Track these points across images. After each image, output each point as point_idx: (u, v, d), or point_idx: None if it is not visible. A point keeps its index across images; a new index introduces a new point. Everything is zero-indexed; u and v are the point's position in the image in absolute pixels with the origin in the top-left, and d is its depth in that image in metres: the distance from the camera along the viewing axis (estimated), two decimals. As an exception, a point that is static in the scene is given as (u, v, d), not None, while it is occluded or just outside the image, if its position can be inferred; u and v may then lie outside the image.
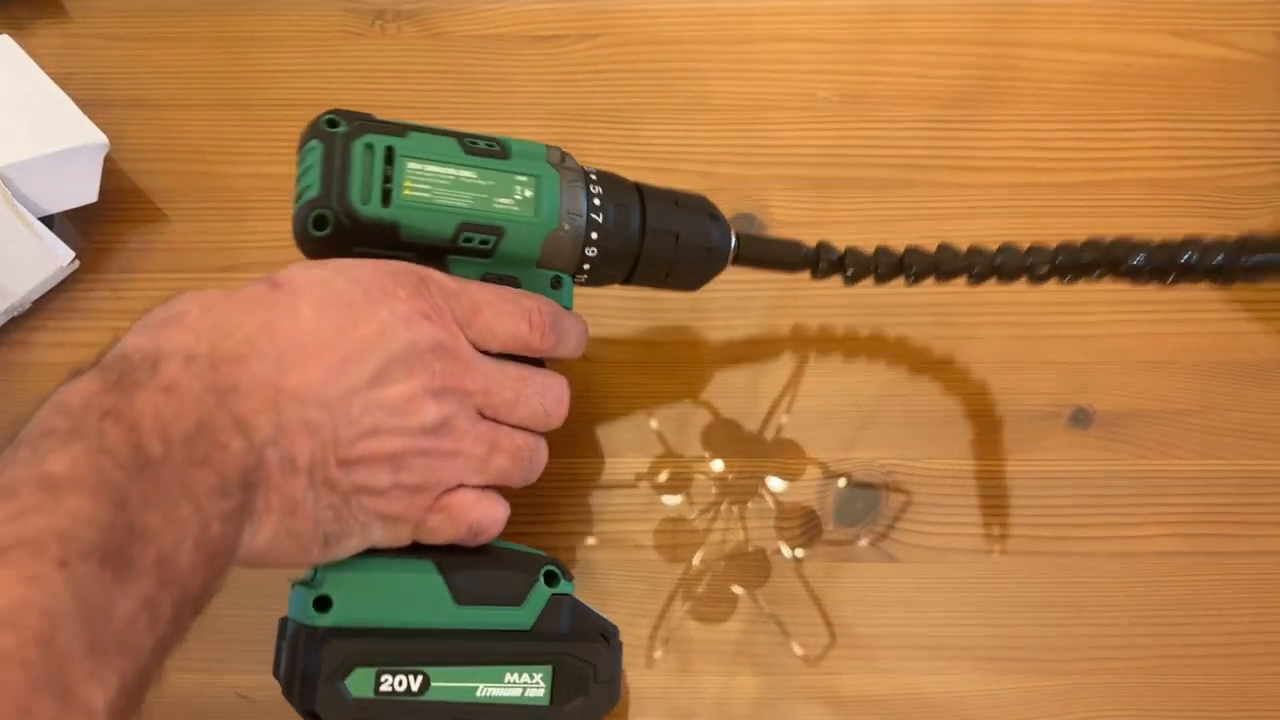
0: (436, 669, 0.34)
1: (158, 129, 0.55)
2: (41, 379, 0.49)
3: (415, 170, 0.36)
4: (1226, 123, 0.54)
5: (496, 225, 0.37)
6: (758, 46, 0.57)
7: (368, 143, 0.36)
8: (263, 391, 0.31)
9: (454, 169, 0.37)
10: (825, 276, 0.43)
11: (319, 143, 0.36)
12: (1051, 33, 0.57)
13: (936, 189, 0.48)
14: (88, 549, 0.25)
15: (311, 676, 0.33)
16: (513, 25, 0.58)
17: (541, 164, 0.39)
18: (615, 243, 0.40)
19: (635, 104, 0.55)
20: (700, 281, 0.43)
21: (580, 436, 0.47)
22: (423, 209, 0.36)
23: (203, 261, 0.52)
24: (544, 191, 0.38)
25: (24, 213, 0.47)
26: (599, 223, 0.39)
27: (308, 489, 0.32)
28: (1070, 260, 0.41)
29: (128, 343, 0.30)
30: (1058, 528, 0.45)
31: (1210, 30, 0.56)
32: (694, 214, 0.42)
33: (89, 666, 0.24)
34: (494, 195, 0.37)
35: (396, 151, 0.36)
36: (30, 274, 0.49)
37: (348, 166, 0.35)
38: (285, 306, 0.33)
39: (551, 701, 0.35)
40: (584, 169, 0.40)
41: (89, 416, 0.27)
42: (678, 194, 0.42)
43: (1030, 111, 0.55)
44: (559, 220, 0.38)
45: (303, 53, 0.58)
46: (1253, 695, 0.42)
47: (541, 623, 0.36)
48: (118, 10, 0.59)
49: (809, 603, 0.44)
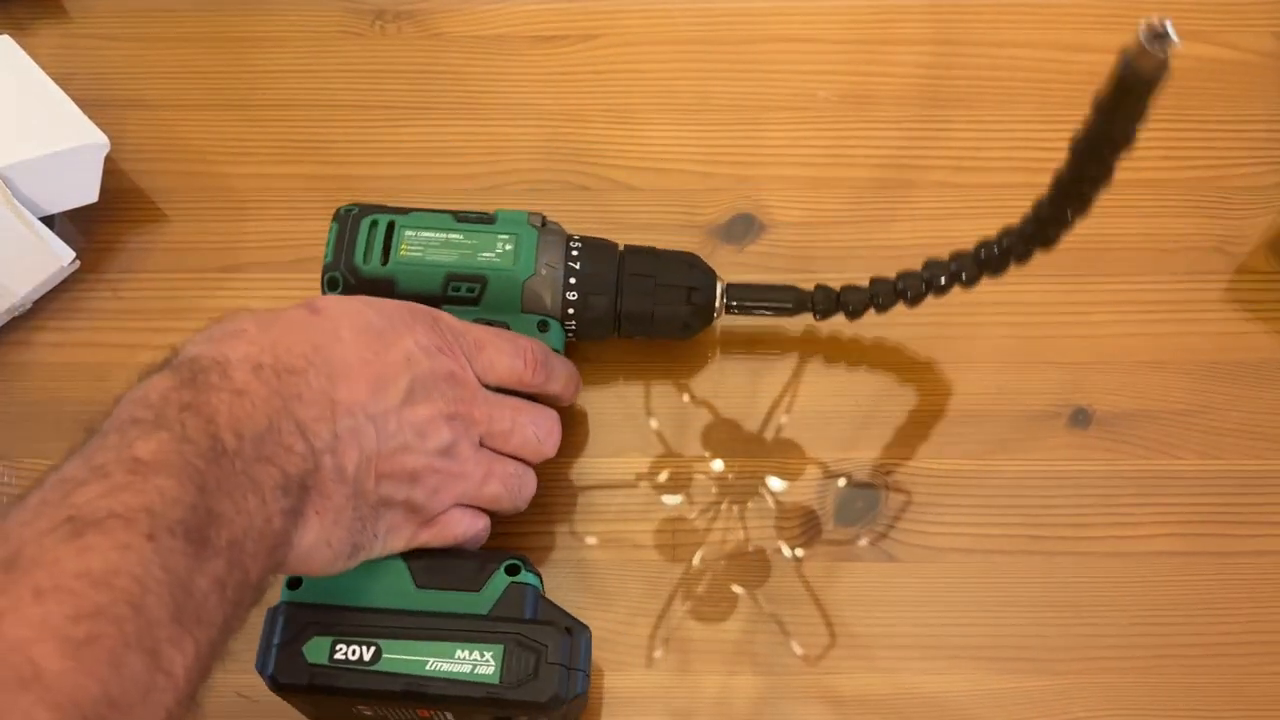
0: (389, 642, 0.37)
1: (157, 129, 0.55)
2: (42, 379, 0.49)
3: (411, 236, 0.44)
4: (1226, 123, 0.54)
5: (479, 274, 0.44)
6: (757, 47, 0.57)
7: (373, 220, 0.44)
8: (321, 401, 0.34)
9: (444, 233, 0.44)
10: (826, 317, 0.46)
11: (335, 224, 0.45)
12: (1052, 34, 0.57)
13: (936, 189, 0.48)
14: (173, 525, 0.27)
15: (272, 643, 0.37)
16: (513, 26, 0.58)
17: (523, 225, 0.45)
18: (593, 286, 0.44)
19: (635, 104, 0.55)
20: (689, 326, 0.46)
21: (581, 436, 0.47)
22: (415, 265, 0.44)
23: (203, 261, 0.52)
24: (522, 245, 0.44)
25: (25, 213, 0.47)
26: (575, 269, 0.44)
27: (349, 498, 0.34)
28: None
29: (193, 350, 0.33)
30: (1057, 528, 0.45)
31: (1210, 31, 0.56)
32: (671, 260, 0.46)
33: (172, 631, 0.27)
34: (478, 251, 0.44)
35: (397, 224, 0.44)
36: (31, 274, 0.49)
37: (355, 238, 0.44)
38: (329, 330, 0.36)
39: (501, 680, 0.36)
40: (566, 232, 0.46)
41: (169, 409, 0.30)
42: (660, 249, 0.46)
43: (1030, 112, 0.55)
44: (535, 267, 0.44)
45: (303, 53, 0.58)
46: (1250, 695, 0.42)
47: (499, 609, 0.38)
48: (117, 11, 0.59)
49: (809, 602, 0.44)
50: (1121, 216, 0.51)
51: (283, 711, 0.42)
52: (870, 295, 0.45)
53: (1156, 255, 0.51)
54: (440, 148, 0.54)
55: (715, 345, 0.49)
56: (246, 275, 0.51)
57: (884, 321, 0.49)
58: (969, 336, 0.49)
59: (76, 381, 0.49)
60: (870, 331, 0.49)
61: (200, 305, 0.50)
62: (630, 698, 0.42)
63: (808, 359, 0.49)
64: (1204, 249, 0.51)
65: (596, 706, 0.42)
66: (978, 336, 0.49)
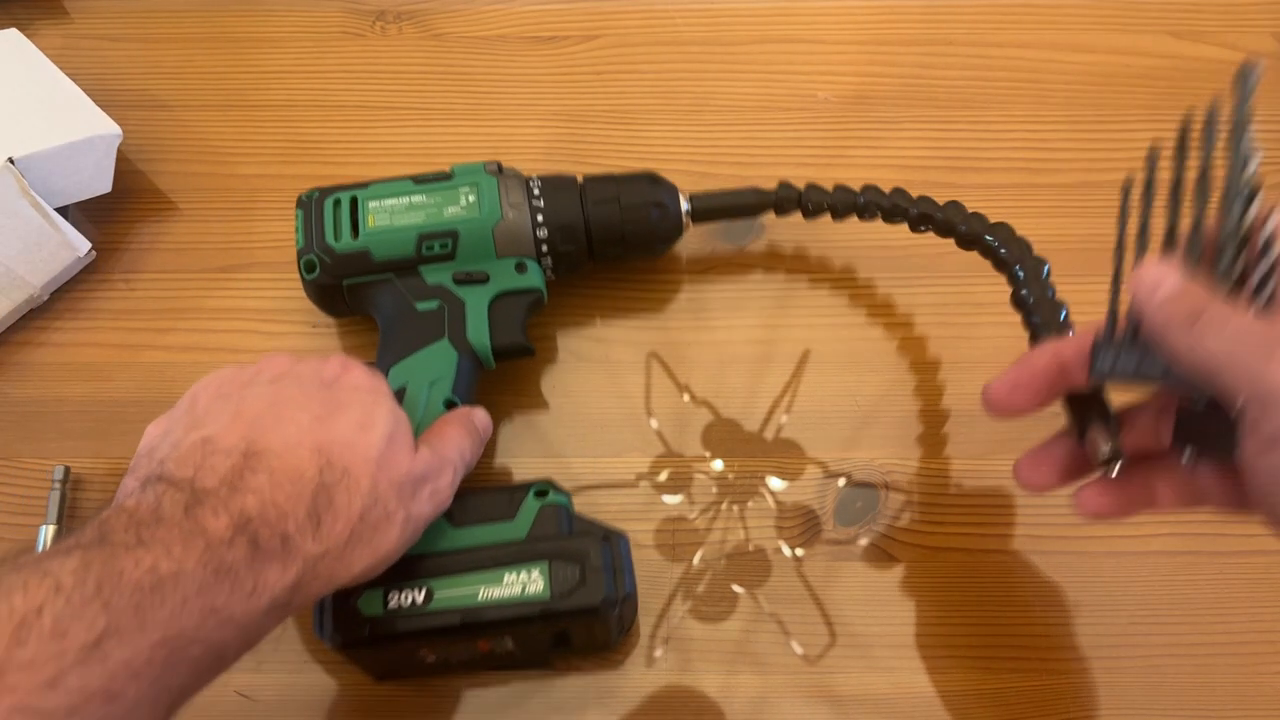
0: (438, 580, 0.38)
1: (158, 129, 0.55)
2: (53, 379, 0.49)
3: (375, 206, 0.45)
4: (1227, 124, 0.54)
5: (450, 229, 0.45)
6: (758, 48, 0.57)
7: (336, 199, 0.45)
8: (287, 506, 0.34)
9: (407, 197, 0.45)
10: (785, 214, 0.48)
11: (300, 210, 0.46)
12: (1051, 34, 0.57)
13: (936, 189, 0.48)
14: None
15: (325, 606, 0.38)
16: (513, 26, 0.58)
17: (481, 175, 0.46)
18: (561, 219, 0.46)
19: (636, 105, 0.56)
20: (663, 241, 0.48)
21: (581, 436, 0.47)
22: (385, 233, 0.45)
23: (203, 261, 0.52)
24: (484, 193, 0.45)
25: (41, 203, 0.47)
26: (540, 206, 0.46)
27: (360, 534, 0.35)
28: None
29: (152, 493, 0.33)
30: (1057, 527, 0.45)
31: (1209, 31, 0.57)
32: (632, 181, 0.47)
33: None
34: (443, 207, 0.45)
35: (359, 198, 0.45)
36: (48, 265, 0.49)
37: (321, 219, 0.45)
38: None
39: (551, 594, 0.38)
40: (523, 175, 0.47)
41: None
42: (618, 174, 0.48)
43: (1030, 112, 0.55)
44: (501, 212, 0.45)
45: (303, 53, 0.58)
46: (1250, 695, 0.42)
47: (535, 530, 0.39)
48: (118, 11, 0.59)
49: (809, 602, 0.44)
50: (1121, 217, 0.51)
51: (283, 711, 0.42)
52: (831, 200, 0.47)
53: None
54: (440, 148, 0.55)
55: (715, 345, 0.49)
56: (247, 275, 0.51)
57: (884, 321, 0.49)
58: (969, 336, 0.49)
59: (76, 382, 0.49)
60: (871, 332, 0.49)
61: (200, 305, 0.51)
62: (630, 697, 0.42)
63: (808, 359, 0.49)
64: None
65: (596, 706, 0.42)
66: (978, 336, 0.49)
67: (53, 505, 0.45)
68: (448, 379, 0.43)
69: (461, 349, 0.44)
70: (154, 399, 0.48)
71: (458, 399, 0.43)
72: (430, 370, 0.43)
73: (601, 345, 0.49)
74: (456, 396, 0.43)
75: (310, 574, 0.32)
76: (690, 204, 0.48)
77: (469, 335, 0.44)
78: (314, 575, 0.32)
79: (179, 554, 0.29)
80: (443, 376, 0.43)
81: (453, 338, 0.44)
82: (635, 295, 0.51)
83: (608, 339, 0.50)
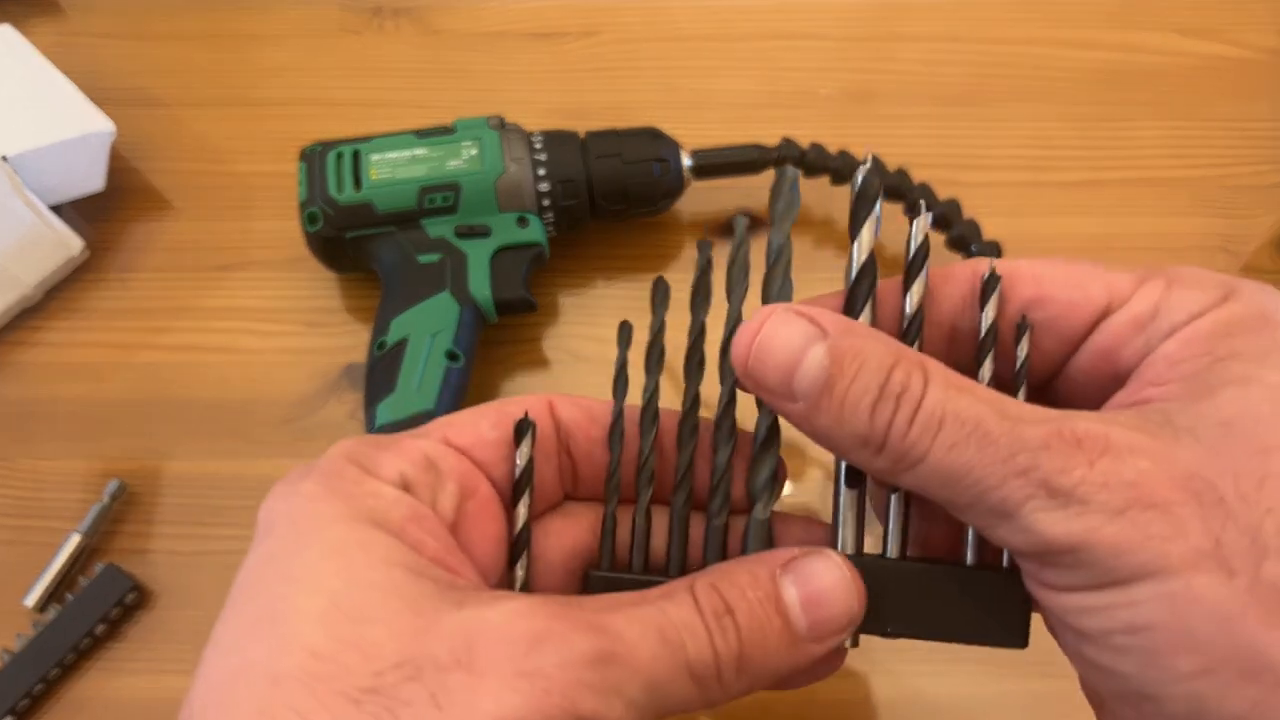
0: None
1: (153, 126, 0.55)
2: (47, 379, 0.49)
3: (378, 160, 0.46)
4: (1231, 121, 0.53)
5: (452, 182, 0.45)
6: (759, 44, 0.57)
7: (338, 152, 0.46)
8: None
9: (409, 150, 0.46)
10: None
11: (303, 163, 0.46)
12: (1055, 30, 0.56)
13: (939, 187, 0.48)
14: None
15: None
16: (512, 22, 0.58)
17: (483, 129, 0.47)
18: (563, 173, 0.46)
19: (636, 101, 0.55)
20: (664, 196, 0.48)
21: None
22: (388, 185, 0.45)
23: (200, 259, 0.51)
24: (486, 146, 0.46)
25: (35, 201, 0.47)
26: (543, 160, 0.46)
27: None
28: None
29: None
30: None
31: (1214, 28, 0.56)
32: (634, 136, 0.48)
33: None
34: (445, 160, 0.46)
35: (362, 151, 0.46)
36: (41, 263, 0.48)
37: (324, 171, 0.46)
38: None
39: None
40: (526, 130, 0.47)
41: None
42: (621, 130, 0.48)
43: (1033, 110, 0.54)
44: (504, 165, 0.46)
45: (301, 50, 0.57)
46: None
47: None
48: (113, 7, 0.58)
49: (810, 605, 0.43)
50: (1126, 216, 0.51)
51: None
52: (835, 164, 0.48)
53: (1161, 255, 0.50)
54: (439, 145, 0.54)
55: (715, 345, 0.49)
56: (243, 274, 0.51)
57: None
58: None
59: (70, 382, 0.48)
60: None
61: (196, 304, 0.50)
62: (630, 701, 0.42)
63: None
64: (1209, 248, 0.50)
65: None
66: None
67: (90, 516, 0.44)
68: (449, 331, 0.44)
69: (464, 301, 0.45)
70: (148, 399, 0.48)
71: (460, 351, 0.44)
72: (432, 322, 0.44)
73: (601, 344, 0.49)
74: (459, 349, 0.44)
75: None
76: (692, 159, 0.48)
77: (471, 288, 0.45)
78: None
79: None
80: (444, 328, 0.44)
81: (455, 290, 0.45)
82: (634, 295, 0.50)
83: (607, 338, 0.49)
